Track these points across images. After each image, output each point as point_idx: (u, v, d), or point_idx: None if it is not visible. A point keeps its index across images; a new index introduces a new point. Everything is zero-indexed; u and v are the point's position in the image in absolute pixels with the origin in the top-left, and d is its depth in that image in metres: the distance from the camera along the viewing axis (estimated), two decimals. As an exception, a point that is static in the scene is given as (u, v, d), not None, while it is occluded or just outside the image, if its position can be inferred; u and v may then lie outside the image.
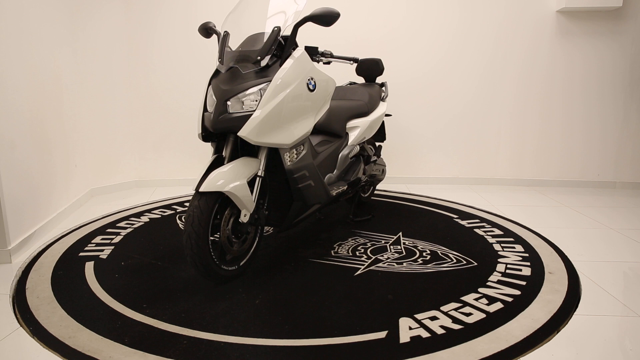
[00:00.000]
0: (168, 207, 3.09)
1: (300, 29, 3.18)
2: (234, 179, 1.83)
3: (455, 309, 1.78)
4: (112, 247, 2.37)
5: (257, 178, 1.94)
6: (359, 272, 2.11)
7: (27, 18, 2.48)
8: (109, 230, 2.63)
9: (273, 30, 1.95)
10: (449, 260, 2.26)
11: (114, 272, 2.07)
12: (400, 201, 3.28)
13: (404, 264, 2.20)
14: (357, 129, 2.61)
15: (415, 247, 2.42)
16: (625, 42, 3.58)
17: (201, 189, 1.81)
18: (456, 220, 2.87)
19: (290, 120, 1.97)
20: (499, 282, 2.03)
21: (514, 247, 2.42)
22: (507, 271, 2.14)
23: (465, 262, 2.23)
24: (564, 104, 3.71)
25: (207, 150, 3.71)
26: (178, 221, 2.76)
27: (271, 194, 2.18)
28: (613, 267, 2.21)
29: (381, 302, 1.84)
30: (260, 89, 1.88)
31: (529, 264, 2.21)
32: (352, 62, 2.37)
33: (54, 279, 2.01)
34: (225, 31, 2.04)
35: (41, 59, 2.64)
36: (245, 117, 1.85)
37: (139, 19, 3.46)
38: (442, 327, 1.66)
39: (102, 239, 2.48)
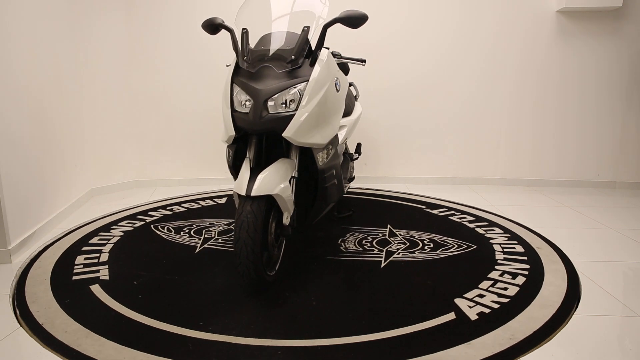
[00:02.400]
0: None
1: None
2: (279, 181, 1.80)
3: (492, 286, 1.98)
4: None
5: (292, 179, 1.92)
6: (383, 265, 2.18)
7: (28, 18, 2.48)
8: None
9: (303, 30, 1.95)
10: (451, 245, 2.42)
11: (124, 282, 1.98)
12: (364, 196, 3.38)
13: (416, 253, 2.32)
14: (345, 128, 2.61)
15: (413, 237, 2.53)
16: (625, 42, 3.58)
17: (253, 193, 1.73)
18: (431, 211, 3.03)
19: (325, 120, 1.98)
20: (505, 259, 2.26)
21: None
22: (506, 249, 2.38)
23: (465, 247, 2.40)
24: (564, 104, 3.70)
25: (207, 151, 3.71)
26: (157, 231, 2.60)
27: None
28: (613, 267, 2.21)
29: (424, 288, 1.95)
30: (298, 89, 1.87)
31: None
32: (361, 63, 2.39)
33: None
34: (244, 28, 2.01)
35: (42, 59, 2.64)
36: (288, 118, 1.84)
37: (140, 19, 3.46)
38: (493, 302, 1.83)
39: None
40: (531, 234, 2.62)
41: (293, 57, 1.91)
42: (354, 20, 1.96)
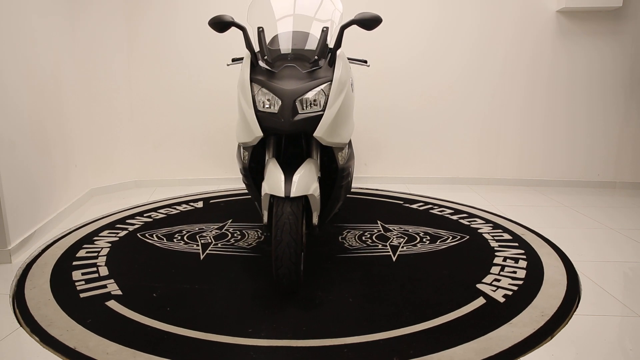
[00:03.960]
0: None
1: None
2: (312, 180, 1.81)
3: (501, 270, 2.12)
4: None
5: (318, 179, 1.93)
6: (394, 258, 2.24)
7: (25, 17, 2.48)
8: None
9: (323, 31, 1.97)
10: (446, 237, 2.54)
11: (142, 295, 1.86)
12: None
13: (418, 245, 2.41)
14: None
15: (407, 231, 2.62)
16: (625, 42, 3.58)
17: (292, 194, 1.72)
18: (410, 206, 3.13)
19: (345, 119, 1.99)
20: (500, 246, 2.41)
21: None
22: (496, 237, 2.54)
23: (459, 237, 2.53)
24: (563, 104, 3.70)
25: (207, 151, 3.71)
26: (146, 240, 2.46)
27: None
28: (613, 267, 2.21)
29: (444, 278, 2.04)
30: (322, 89, 1.87)
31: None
32: (365, 64, 2.43)
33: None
34: (260, 27, 1.99)
35: (41, 59, 2.64)
36: (317, 118, 1.84)
37: (139, 18, 3.46)
38: (510, 284, 1.97)
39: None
40: (512, 223, 2.79)
41: (316, 57, 1.93)
42: (370, 23, 1.97)
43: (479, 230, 2.64)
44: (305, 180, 1.78)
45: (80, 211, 3.05)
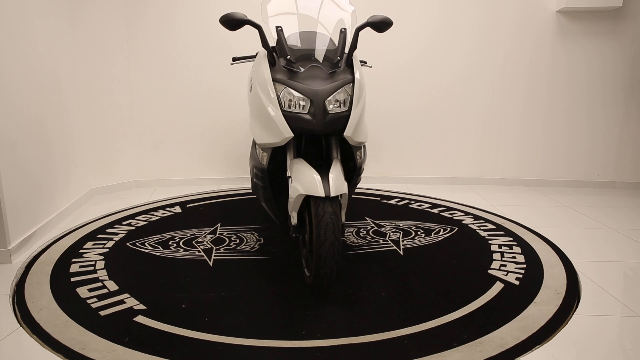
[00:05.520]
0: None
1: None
2: (343, 180, 1.82)
3: (502, 256, 2.28)
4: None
5: None
6: (401, 252, 2.32)
7: (26, 16, 2.48)
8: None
9: (341, 32, 1.99)
10: (437, 229, 2.65)
11: (170, 307, 1.77)
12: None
13: (416, 239, 2.50)
14: None
15: (398, 225, 2.71)
16: (625, 42, 3.58)
17: (332, 193, 1.72)
18: (388, 202, 3.22)
19: (363, 119, 2.03)
20: (489, 235, 2.56)
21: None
22: (482, 227, 2.71)
23: (449, 229, 2.65)
24: (564, 104, 3.70)
25: (207, 151, 3.71)
26: (140, 249, 2.34)
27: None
28: (613, 267, 2.21)
29: (456, 267, 2.15)
30: (347, 90, 1.90)
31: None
32: (367, 65, 2.46)
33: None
34: (279, 26, 1.98)
35: (41, 59, 2.64)
36: (345, 118, 1.87)
37: (139, 18, 3.46)
38: (517, 269, 2.14)
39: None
40: (494, 215, 2.93)
41: (339, 57, 1.95)
42: (382, 25, 2.03)
43: (463, 222, 2.78)
44: (340, 180, 1.79)
45: (80, 211, 3.05)
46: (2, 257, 2.19)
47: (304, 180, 1.77)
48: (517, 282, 1.99)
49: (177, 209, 3.02)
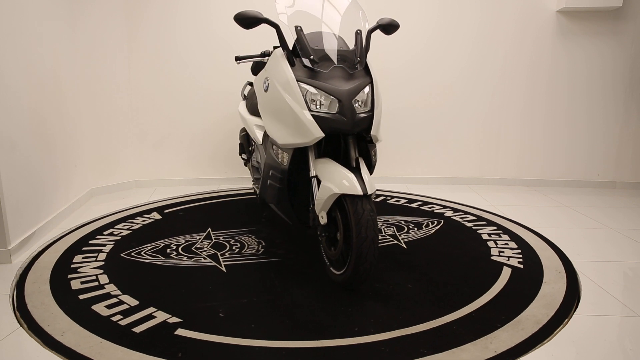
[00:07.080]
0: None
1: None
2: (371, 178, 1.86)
3: (495, 243, 2.44)
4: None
5: None
6: (404, 246, 2.39)
7: (26, 17, 2.48)
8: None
9: (357, 33, 2.02)
10: (426, 223, 2.75)
11: (208, 318, 1.70)
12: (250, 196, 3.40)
13: (412, 233, 2.59)
14: None
15: (388, 221, 2.79)
16: (625, 42, 3.58)
17: (369, 191, 1.76)
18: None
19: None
20: (475, 225, 2.69)
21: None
22: (464, 218, 2.85)
23: (436, 222, 2.76)
24: (564, 104, 3.71)
25: (207, 151, 3.71)
26: (137, 258, 2.24)
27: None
28: (613, 267, 2.21)
29: (461, 257, 2.25)
30: (367, 89, 1.94)
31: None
32: None
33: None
34: (298, 26, 1.96)
35: (41, 59, 2.64)
36: (370, 117, 1.92)
37: (139, 18, 3.46)
38: (514, 254, 2.29)
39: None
40: (470, 208, 3.07)
41: (359, 58, 1.97)
42: (391, 28, 2.09)
43: (445, 215, 2.93)
44: (371, 179, 1.83)
45: (80, 211, 3.05)
46: (2, 257, 2.19)
47: (336, 179, 1.78)
48: (521, 266, 2.13)
49: (157, 215, 2.90)
